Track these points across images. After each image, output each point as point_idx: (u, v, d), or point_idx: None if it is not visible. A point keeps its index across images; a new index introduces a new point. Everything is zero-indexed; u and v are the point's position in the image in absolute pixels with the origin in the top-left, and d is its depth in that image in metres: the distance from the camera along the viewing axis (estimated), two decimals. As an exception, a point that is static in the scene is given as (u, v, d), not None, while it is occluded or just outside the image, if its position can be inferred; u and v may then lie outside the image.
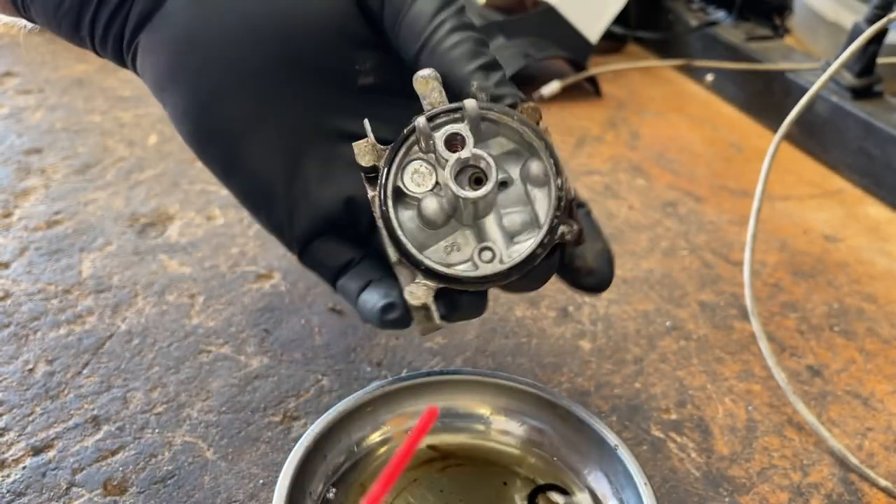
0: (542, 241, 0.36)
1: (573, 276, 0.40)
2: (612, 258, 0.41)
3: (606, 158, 0.83)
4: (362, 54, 0.42)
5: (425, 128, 0.36)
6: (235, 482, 0.44)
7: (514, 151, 0.38)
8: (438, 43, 0.39)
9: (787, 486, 0.46)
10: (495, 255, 0.37)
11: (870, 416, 0.51)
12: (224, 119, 0.41)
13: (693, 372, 0.54)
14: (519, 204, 0.38)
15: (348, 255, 0.43)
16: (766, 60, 0.92)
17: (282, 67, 0.41)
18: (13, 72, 0.92)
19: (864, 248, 0.69)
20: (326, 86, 0.42)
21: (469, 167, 0.36)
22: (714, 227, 0.71)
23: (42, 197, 0.69)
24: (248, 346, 0.53)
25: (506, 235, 0.37)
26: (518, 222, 0.38)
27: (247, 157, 0.42)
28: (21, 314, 0.55)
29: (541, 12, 0.98)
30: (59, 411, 0.47)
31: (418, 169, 0.38)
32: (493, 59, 0.39)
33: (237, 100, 0.41)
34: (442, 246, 0.38)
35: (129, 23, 0.40)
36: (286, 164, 0.42)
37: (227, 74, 0.40)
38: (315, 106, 0.42)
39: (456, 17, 0.39)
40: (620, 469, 0.41)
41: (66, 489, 0.43)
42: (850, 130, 0.79)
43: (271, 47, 0.40)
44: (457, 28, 0.39)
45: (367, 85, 0.43)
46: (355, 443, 0.44)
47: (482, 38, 0.40)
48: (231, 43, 0.40)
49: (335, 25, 0.41)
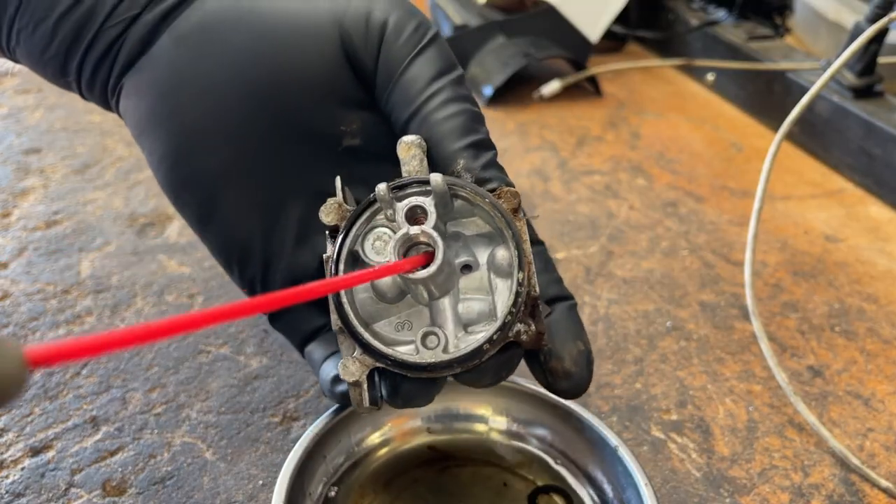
0: (491, 336, 0.33)
1: (546, 376, 0.37)
2: (591, 361, 0.37)
3: (607, 158, 0.82)
4: (350, 115, 0.40)
5: (385, 195, 0.34)
6: (235, 483, 0.44)
7: (487, 235, 0.36)
8: (431, 113, 0.37)
9: (788, 486, 0.46)
10: (440, 343, 0.34)
11: (871, 417, 0.51)
12: (201, 168, 0.39)
13: (693, 372, 0.54)
14: (480, 292, 0.35)
15: (318, 322, 0.41)
16: (766, 60, 0.91)
17: (264, 120, 0.39)
18: (12, 71, 0.92)
19: (865, 248, 0.69)
20: (310, 143, 0.40)
21: (419, 244, 0.33)
22: (714, 227, 0.71)
23: (41, 197, 0.68)
24: (247, 347, 0.53)
25: (458, 323, 0.35)
26: (475, 311, 0.35)
27: (222, 210, 0.40)
28: (20, 314, 0.55)
29: (541, 12, 0.98)
30: (58, 412, 0.47)
31: (381, 236, 0.35)
32: (484, 138, 0.37)
33: (215, 148, 0.39)
34: (393, 321, 0.35)
35: (115, 66, 0.39)
36: (263, 220, 0.40)
37: (207, 121, 0.38)
38: (296, 163, 0.40)
39: (452, 88, 0.37)
40: (621, 470, 0.41)
41: (65, 490, 0.43)
42: (851, 130, 0.79)
43: (255, 98, 0.38)
44: (452, 100, 0.37)
45: (353, 146, 0.40)
46: (355, 443, 0.44)
47: (478, 114, 0.37)
48: (214, 89, 0.38)
49: (323, 83, 0.39)
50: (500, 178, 0.36)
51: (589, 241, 0.67)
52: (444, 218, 0.35)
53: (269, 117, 0.39)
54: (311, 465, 0.40)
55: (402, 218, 0.34)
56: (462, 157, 0.36)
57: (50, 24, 0.38)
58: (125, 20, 0.38)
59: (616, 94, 0.98)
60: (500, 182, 0.36)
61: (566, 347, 0.36)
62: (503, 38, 0.94)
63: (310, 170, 0.40)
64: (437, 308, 0.35)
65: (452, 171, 0.36)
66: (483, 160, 0.36)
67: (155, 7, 0.38)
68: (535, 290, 0.33)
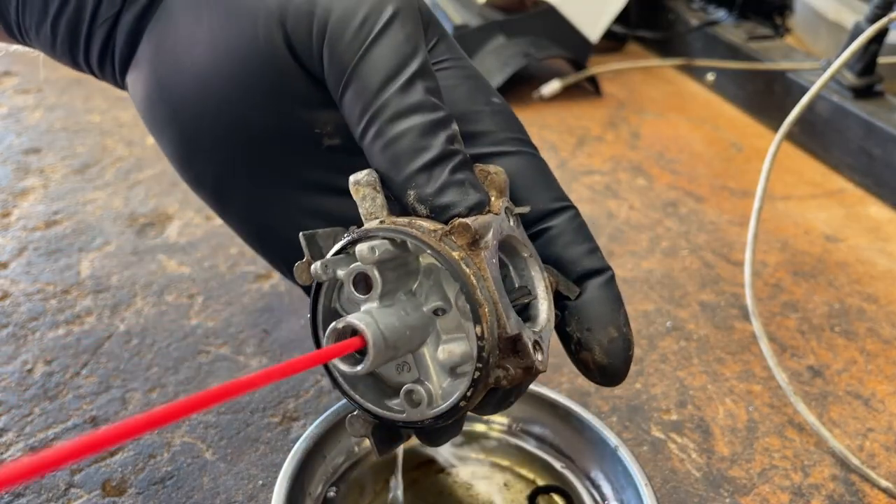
0: (464, 394, 0.30)
1: (580, 367, 0.34)
2: (628, 347, 0.34)
3: (607, 158, 0.82)
4: (320, 116, 0.37)
5: (321, 274, 0.30)
6: (235, 483, 0.44)
7: None
8: (378, 134, 0.32)
9: (788, 486, 0.46)
10: (424, 398, 0.31)
11: (871, 417, 0.51)
12: (203, 171, 0.40)
13: (693, 372, 0.54)
14: (460, 330, 0.32)
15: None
16: (766, 60, 0.91)
17: (242, 128, 0.38)
18: (12, 71, 0.92)
19: (865, 248, 0.69)
20: (291, 143, 0.38)
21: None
22: (714, 227, 0.71)
23: (41, 197, 0.68)
24: (247, 347, 0.53)
25: (443, 369, 0.32)
26: (458, 353, 0.32)
27: (233, 204, 0.41)
28: (20, 314, 0.55)
29: (541, 12, 0.98)
30: (58, 412, 0.47)
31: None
32: (441, 152, 0.31)
33: (210, 154, 0.39)
34: (393, 364, 0.33)
35: (116, 63, 0.40)
36: (272, 208, 0.40)
37: (196, 131, 0.38)
38: (285, 162, 0.39)
39: (401, 95, 0.32)
40: (621, 469, 0.41)
41: (65, 490, 0.43)
42: (851, 130, 0.79)
43: (222, 107, 0.37)
44: (400, 114, 0.32)
45: (336, 146, 0.38)
46: (355, 443, 0.44)
47: (436, 120, 0.32)
48: (189, 102, 0.38)
49: (273, 89, 0.36)
50: (455, 200, 0.31)
51: (589, 241, 0.67)
52: (401, 277, 0.31)
53: (243, 125, 0.38)
54: (311, 465, 0.40)
55: (351, 287, 0.30)
56: (412, 187, 0.31)
57: (48, 26, 0.39)
58: (108, 20, 0.38)
59: (616, 94, 0.98)
60: (458, 205, 0.31)
61: (596, 336, 0.33)
62: (503, 38, 0.94)
63: (300, 167, 0.39)
64: (419, 357, 0.32)
65: (405, 205, 0.32)
66: (438, 181, 0.31)
67: (131, 6, 0.38)
68: (506, 332, 0.29)
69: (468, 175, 0.32)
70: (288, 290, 0.59)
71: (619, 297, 0.34)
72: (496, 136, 0.35)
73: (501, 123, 0.35)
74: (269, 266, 0.61)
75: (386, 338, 0.29)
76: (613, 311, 0.34)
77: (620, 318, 0.34)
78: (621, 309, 0.34)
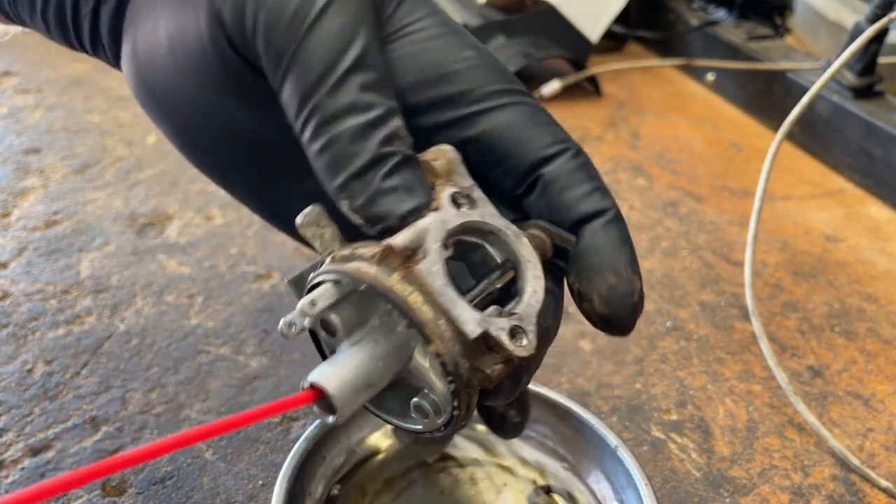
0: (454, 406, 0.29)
1: (587, 319, 0.32)
2: (631, 292, 0.31)
3: (607, 158, 0.82)
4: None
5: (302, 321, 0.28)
6: (234, 483, 0.44)
7: None
8: (312, 139, 0.30)
9: (788, 486, 0.46)
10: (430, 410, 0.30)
11: (871, 417, 0.51)
12: (200, 162, 0.39)
13: (693, 372, 0.54)
14: None
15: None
16: (766, 60, 0.91)
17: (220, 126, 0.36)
18: (12, 71, 0.92)
19: (865, 248, 0.69)
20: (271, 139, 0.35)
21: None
22: (714, 227, 0.71)
23: (41, 197, 0.68)
24: (247, 347, 0.53)
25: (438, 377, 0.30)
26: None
27: (239, 193, 0.40)
28: (20, 314, 0.55)
29: (541, 11, 0.98)
30: (58, 412, 0.47)
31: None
32: (372, 157, 0.29)
33: (200, 151, 0.38)
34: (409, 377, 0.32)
35: (108, 54, 0.39)
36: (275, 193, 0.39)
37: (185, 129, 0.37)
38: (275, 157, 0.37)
39: (331, 97, 0.29)
40: (621, 470, 0.41)
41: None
42: (851, 130, 0.79)
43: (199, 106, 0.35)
44: (331, 118, 0.29)
45: None
46: (355, 443, 0.44)
47: (369, 121, 0.29)
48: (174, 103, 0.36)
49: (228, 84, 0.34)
50: (389, 212, 0.29)
51: (589, 241, 0.67)
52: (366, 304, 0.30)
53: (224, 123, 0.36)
54: (311, 465, 0.40)
55: (324, 333, 0.30)
56: (344, 198, 0.29)
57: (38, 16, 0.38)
58: (89, 15, 0.37)
59: (616, 93, 0.98)
60: (389, 220, 0.29)
61: (594, 285, 0.30)
62: (503, 38, 0.94)
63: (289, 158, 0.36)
64: (415, 369, 0.31)
65: (343, 213, 0.30)
66: (367, 194, 0.29)
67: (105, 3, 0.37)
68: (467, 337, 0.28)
69: (404, 177, 0.29)
70: (288, 291, 0.58)
71: (622, 239, 0.31)
72: (475, 93, 0.32)
73: (481, 77, 0.32)
74: (269, 266, 0.61)
75: (353, 384, 0.28)
76: (612, 256, 0.31)
77: (620, 262, 0.31)
78: (624, 250, 0.31)
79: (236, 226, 0.66)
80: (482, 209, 0.31)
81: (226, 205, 0.68)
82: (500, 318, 0.29)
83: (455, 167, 0.31)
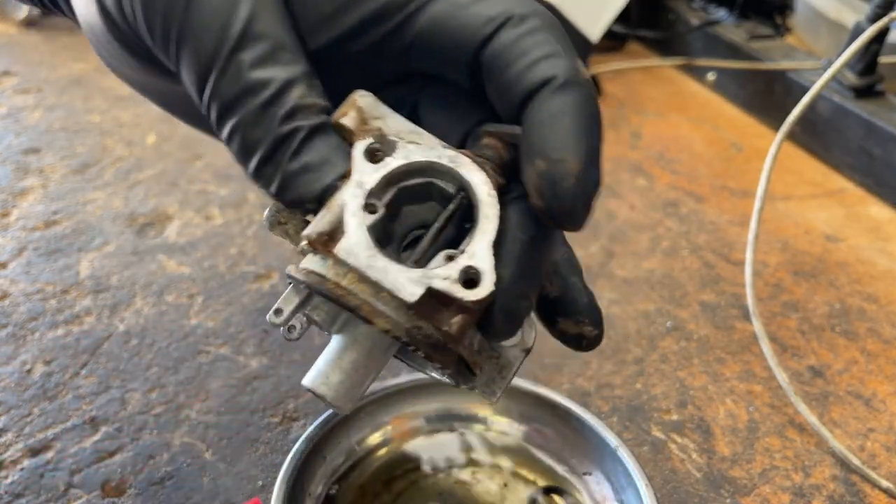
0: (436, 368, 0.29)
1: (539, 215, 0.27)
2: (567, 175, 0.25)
3: (607, 158, 0.82)
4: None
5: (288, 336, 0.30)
6: (234, 483, 0.44)
7: None
8: (218, 131, 0.29)
9: (789, 487, 0.46)
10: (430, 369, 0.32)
11: (871, 417, 0.51)
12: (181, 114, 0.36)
13: (694, 372, 0.54)
14: None
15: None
16: (767, 59, 0.91)
17: (134, 82, 0.34)
18: (11, 71, 0.92)
19: (866, 248, 0.69)
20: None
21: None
22: (715, 227, 0.71)
23: (40, 197, 0.68)
24: (247, 347, 0.53)
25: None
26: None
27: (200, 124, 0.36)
28: (19, 314, 0.55)
29: (541, 11, 0.98)
30: (58, 412, 0.47)
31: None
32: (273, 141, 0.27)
33: (145, 96, 0.35)
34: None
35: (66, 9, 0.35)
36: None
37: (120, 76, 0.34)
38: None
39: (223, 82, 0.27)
40: (621, 470, 0.41)
41: (65, 490, 0.42)
42: (852, 130, 0.79)
43: (115, 67, 0.33)
44: (227, 108, 0.27)
45: None
46: (355, 443, 0.44)
47: (265, 100, 0.27)
48: (100, 54, 0.33)
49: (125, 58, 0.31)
50: (302, 197, 0.27)
51: (589, 242, 0.67)
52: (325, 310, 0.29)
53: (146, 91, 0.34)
54: (310, 466, 0.40)
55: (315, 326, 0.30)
56: (262, 187, 0.28)
57: None
58: None
59: (616, 93, 0.98)
60: (305, 205, 0.27)
61: (527, 175, 0.26)
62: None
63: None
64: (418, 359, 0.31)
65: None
66: (276, 182, 0.27)
67: None
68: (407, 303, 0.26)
69: (313, 152, 0.27)
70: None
71: (565, 110, 0.25)
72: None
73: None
74: (269, 266, 0.61)
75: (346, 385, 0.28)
76: (547, 134, 0.25)
77: (555, 139, 0.25)
78: (562, 123, 0.25)
79: (236, 226, 0.66)
80: (408, 147, 0.28)
81: (226, 205, 0.68)
82: (445, 267, 0.26)
83: (369, 112, 0.28)
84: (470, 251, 0.26)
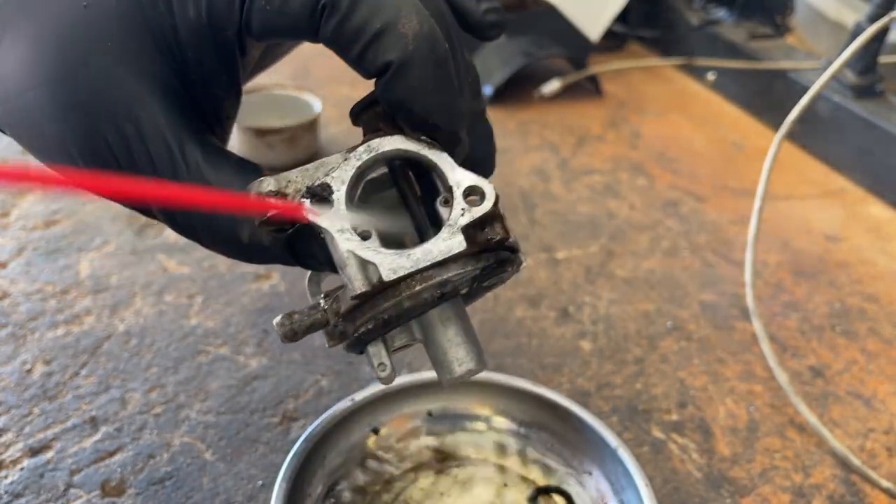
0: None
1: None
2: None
3: (607, 158, 0.82)
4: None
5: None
6: (234, 483, 0.44)
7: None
8: None
9: (789, 487, 0.46)
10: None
11: (872, 417, 0.51)
12: None
13: (694, 372, 0.54)
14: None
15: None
16: (767, 59, 0.91)
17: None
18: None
19: (866, 248, 0.69)
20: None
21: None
22: (715, 226, 0.71)
23: (40, 196, 0.68)
24: (247, 347, 0.53)
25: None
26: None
27: None
28: (19, 314, 0.55)
29: (542, 11, 0.98)
30: (57, 412, 0.47)
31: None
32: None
33: None
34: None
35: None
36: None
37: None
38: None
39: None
40: (621, 470, 0.41)
41: (65, 490, 0.42)
42: (852, 130, 0.79)
43: None
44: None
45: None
46: (354, 443, 0.43)
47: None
48: None
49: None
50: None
51: (589, 241, 0.67)
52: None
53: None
54: (310, 466, 0.40)
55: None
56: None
57: None
58: None
59: (617, 93, 0.98)
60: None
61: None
62: (503, 38, 0.94)
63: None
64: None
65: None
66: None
67: None
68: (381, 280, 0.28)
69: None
70: (288, 290, 0.59)
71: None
72: None
73: None
74: (269, 266, 0.61)
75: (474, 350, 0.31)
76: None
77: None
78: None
79: (236, 225, 0.66)
80: (332, 175, 0.30)
81: (226, 204, 0.68)
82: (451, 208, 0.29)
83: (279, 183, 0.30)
84: (453, 181, 0.29)
